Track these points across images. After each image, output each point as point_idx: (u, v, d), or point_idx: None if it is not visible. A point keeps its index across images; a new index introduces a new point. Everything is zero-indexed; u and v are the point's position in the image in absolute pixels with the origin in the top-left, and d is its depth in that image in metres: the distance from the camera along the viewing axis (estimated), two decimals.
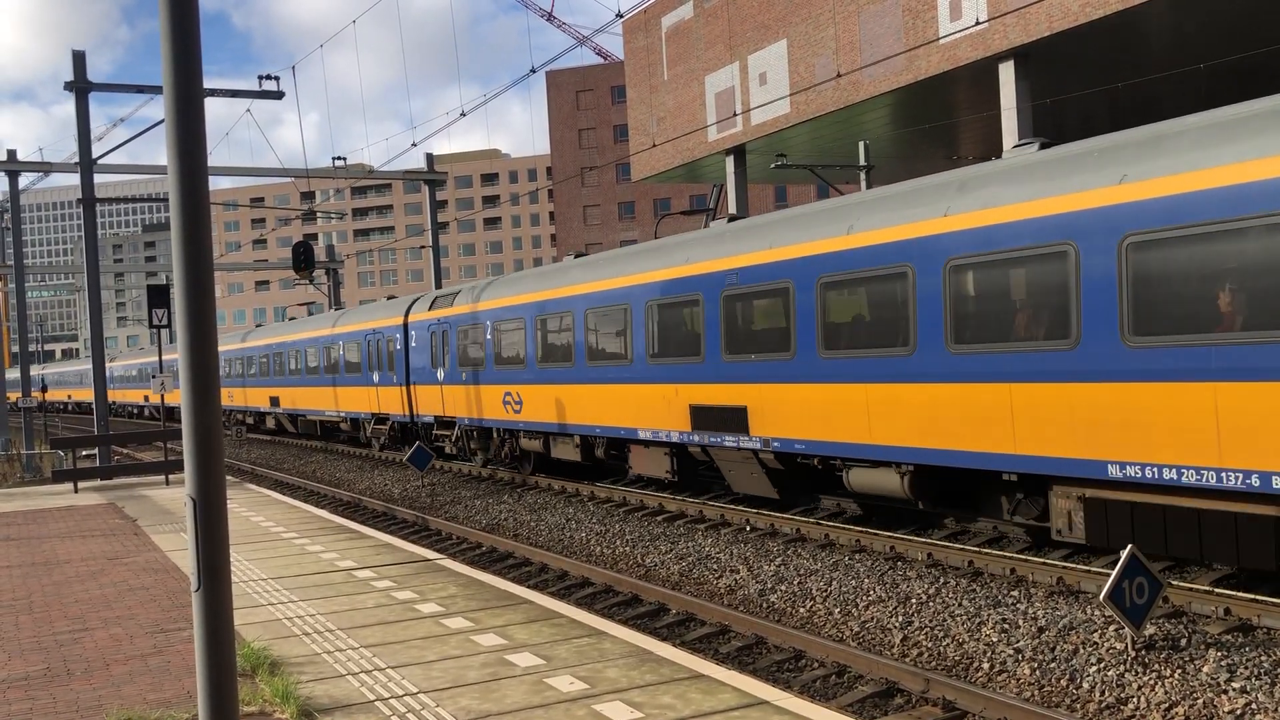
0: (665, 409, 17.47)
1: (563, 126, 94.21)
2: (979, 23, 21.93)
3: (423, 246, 42.72)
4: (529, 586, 14.01)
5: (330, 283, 50.78)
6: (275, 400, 41.79)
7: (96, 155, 27.13)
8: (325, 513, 17.35)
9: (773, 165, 29.87)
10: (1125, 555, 8.84)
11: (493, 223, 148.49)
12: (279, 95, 26.87)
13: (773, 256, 15.06)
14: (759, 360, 15.27)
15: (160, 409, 64.07)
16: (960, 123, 31.33)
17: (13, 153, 34.15)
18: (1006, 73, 24.54)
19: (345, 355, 33.40)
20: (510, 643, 8.48)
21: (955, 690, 8.60)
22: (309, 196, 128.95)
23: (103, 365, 27.42)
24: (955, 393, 12.15)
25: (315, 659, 8.27)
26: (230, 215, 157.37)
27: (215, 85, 27.55)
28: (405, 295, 32.40)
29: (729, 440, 16.02)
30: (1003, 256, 11.51)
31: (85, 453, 33.03)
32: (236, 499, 19.60)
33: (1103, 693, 8.58)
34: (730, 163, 34.68)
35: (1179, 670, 8.64)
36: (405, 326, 28.74)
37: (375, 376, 30.94)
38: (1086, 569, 11.40)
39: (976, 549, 12.78)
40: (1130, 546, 8.90)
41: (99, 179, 32.24)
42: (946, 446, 12.34)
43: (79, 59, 26.01)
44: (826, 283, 14.01)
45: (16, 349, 46.21)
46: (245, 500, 19.47)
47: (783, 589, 12.57)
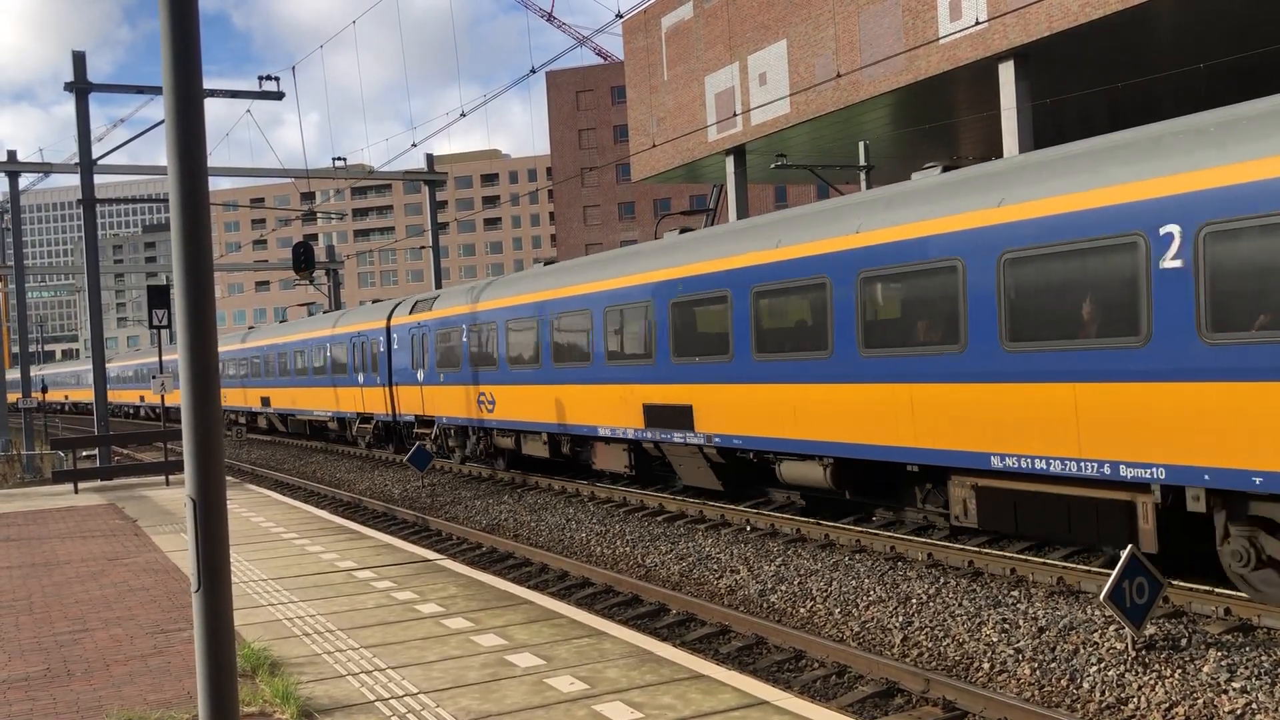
0: (622, 408, 18.49)
1: (563, 127, 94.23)
2: (979, 23, 21.94)
3: (423, 247, 42.73)
4: (529, 587, 14.01)
5: (330, 283, 50.79)
6: (266, 400, 42.75)
7: (97, 156, 27.14)
8: (325, 513, 17.35)
9: (773, 165, 29.90)
10: (1125, 556, 8.85)
11: (493, 223, 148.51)
12: (279, 96, 26.88)
13: (713, 267, 16.15)
14: (702, 363, 16.36)
15: (156, 409, 65.20)
16: (960, 123, 31.34)
17: (13, 153, 34.17)
18: (1006, 73, 24.55)
19: (332, 357, 34.40)
20: (510, 643, 8.48)
21: (955, 690, 8.60)
22: (309, 197, 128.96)
23: (103, 366, 27.41)
24: (866, 392, 13.34)
25: (315, 659, 8.27)
26: (230, 216, 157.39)
27: (215, 86, 27.59)
28: (392, 298, 33.22)
29: (677, 436, 17.10)
30: (903, 270, 12.69)
31: (85, 453, 33.04)
32: (237, 499, 19.60)
33: (1103, 693, 8.58)
34: (730, 163, 34.69)
35: (1179, 670, 8.64)
36: (388, 330, 29.72)
37: (360, 378, 31.94)
38: (1087, 569, 11.40)
39: (976, 549, 12.79)
40: (1130, 547, 8.91)
41: (99, 179, 32.26)
42: (860, 441, 13.52)
43: (79, 59, 26.02)
44: (758, 291, 15.16)
45: (17, 349, 46.24)
46: (245, 501, 19.47)
47: (783, 589, 12.58)
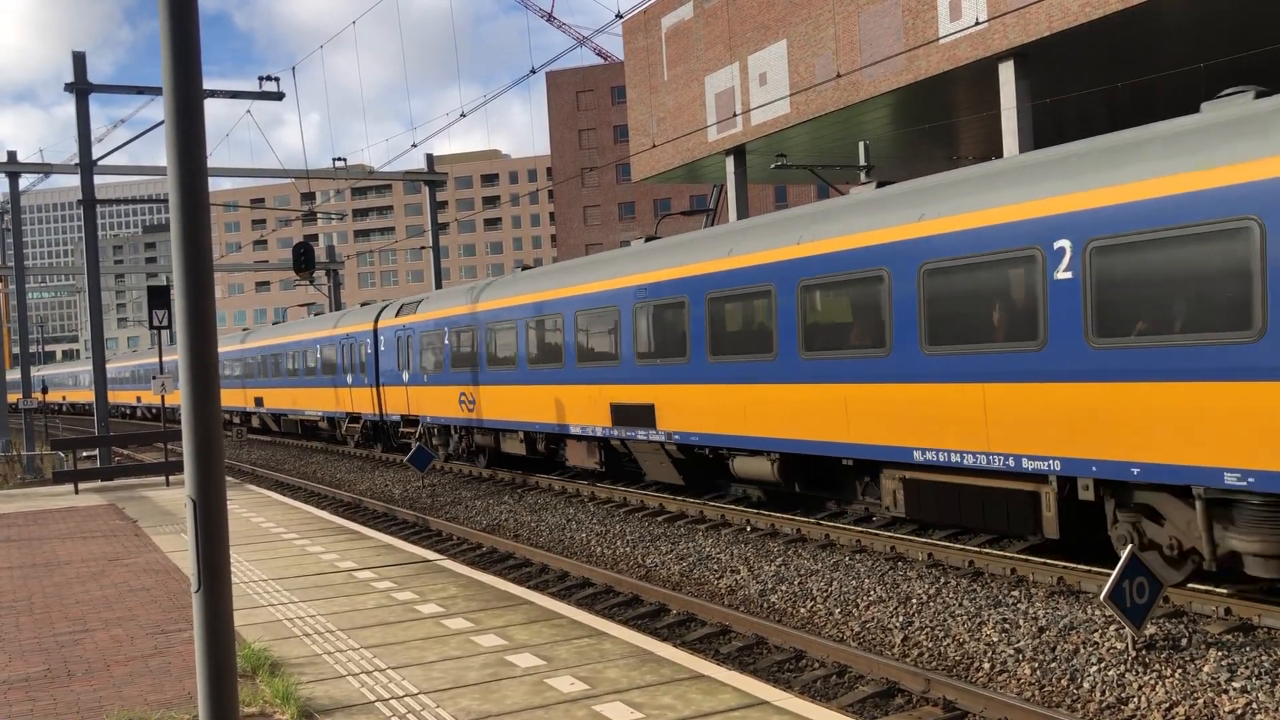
0: (591, 407, 19.49)
1: (563, 127, 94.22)
2: (979, 23, 21.94)
3: (423, 247, 42.75)
4: (529, 587, 14.02)
5: (331, 284, 50.78)
6: (259, 401, 43.68)
7: (97, 156, 27.14)
8: (326, 514, 17.36)
9: (773, 165, 29.87)
10: (1125, 555, 8.85)
11: (493, 223, 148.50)
12: (279, 96, 26.88)
13: (673, 274, 17.12)
14: (663, 364, 17.32)
15: (153, 409, 65.51)
16: (960, 123, 31.34)
17: (13, 154, 34.17)
18: (1006, 73, 24.55)
19: (323, 358, 35.39)
20: (511, 643, 8.48)
21: (956, 690, 8.60)
22: (309, 197, 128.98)
23: (103, 366, 27.41)
24: (807, 392, 14.32)
25: (316, 660, 8.27)
26: (230, 216, 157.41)
27: (216, 86, 27.61)
28: (388, 299, 34.10)
29: (641, 434, 18.10)
30: (838, 279, 13.67)
31: (86, 454, 33.05)
32: (237, 500, 19.60)
33: (1103, 692, 8.58)
34: (730, 163, 34.68)
35: (1179, 670, 8.64)
36: (375, 332, 30.65)
37: (349, 378, 32.88)
38: (1088, 569, 11.41)
39: (977, 549, 12.79)
40: (1130, 547, 8.91)
41: (100, 180, 32.28)
42: (803, 437, 14.48)
43: (79, 60, 26.02)
44: (712, 297, 16.11)
45: (17, 350, 46.23)
46: (246, 501, 19.47)
47: (783, 589, 12.58)
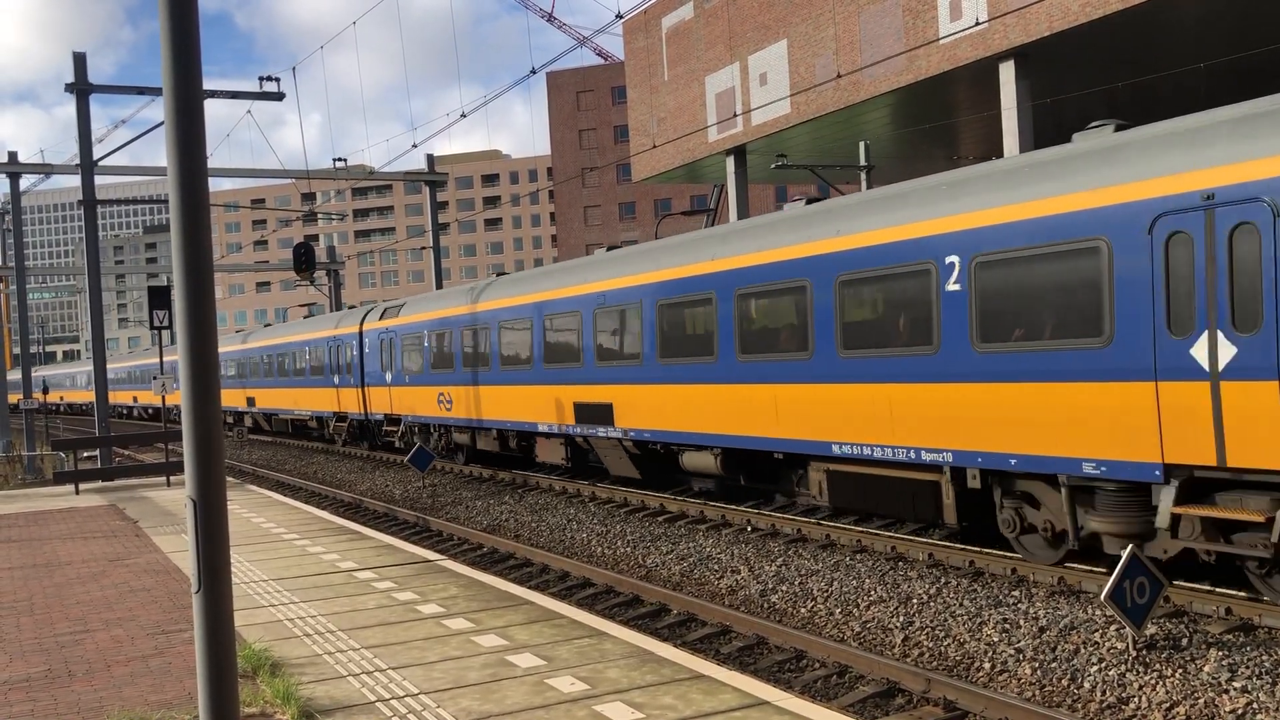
0: (557, 407, 20.70)
1: (563, 127, 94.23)
2: (979, 23, 21.94)
3: (423, 247, 42.75)
4: (530, 587, 14.02)
5: (331, 284, 50.78)
6: (252, 401, 44.89)
7: (98, 157, 27.14)
8: (327, 514, 17.36)
9: (773, 166, 29.89)
10: (1126, 555, 8.84)
11: (494, 223, 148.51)
12: (279, 97, 26.87)
13: (628, 282, 18.28)
14: (620, 366, 18.47)
15: (149, 409, 66.15)
16: (960, 123, 31.33)
17: (14, 154, 34.16)
18: (1007, 73, 24.55)
19: (311, 360, 36.62)
20: (511, 643, 8.48)
21: (956, 690, 8.60)
22: (310, 198, 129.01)
23: (104, 367, 27.41)
24: (743, 392, 15.48)
25: (316, 660, 8.27)
26: (231, 216, 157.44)
27: (217, 86, 27.62)
28: (369, 303, 35.46)
29: (601, 431, 19.24)
30: (769, 288, 14.90)
31: (86, 454, 33.05)
32: (238, 500, 19.61)
33: (1104, 692, 8.58)
34: (731, 163, 34.68)
35: (1180, 670, 8.64)
36: (360, 334, 31.88)
37: (336, 379, 34.14)
38: (1088, 569, 11.41)
39: (978, 549, 12.80)
40: (1131, 547, 8.91)
41: (101, 180, 32.30)
42: (741, 433, 15.63)
43: (79, 60, 26.02)
44: (661, 304, 17.31)
45: (18, 350, 46.25)
46: (246, 501, 19.48)
47: (784, 589, 12.58)
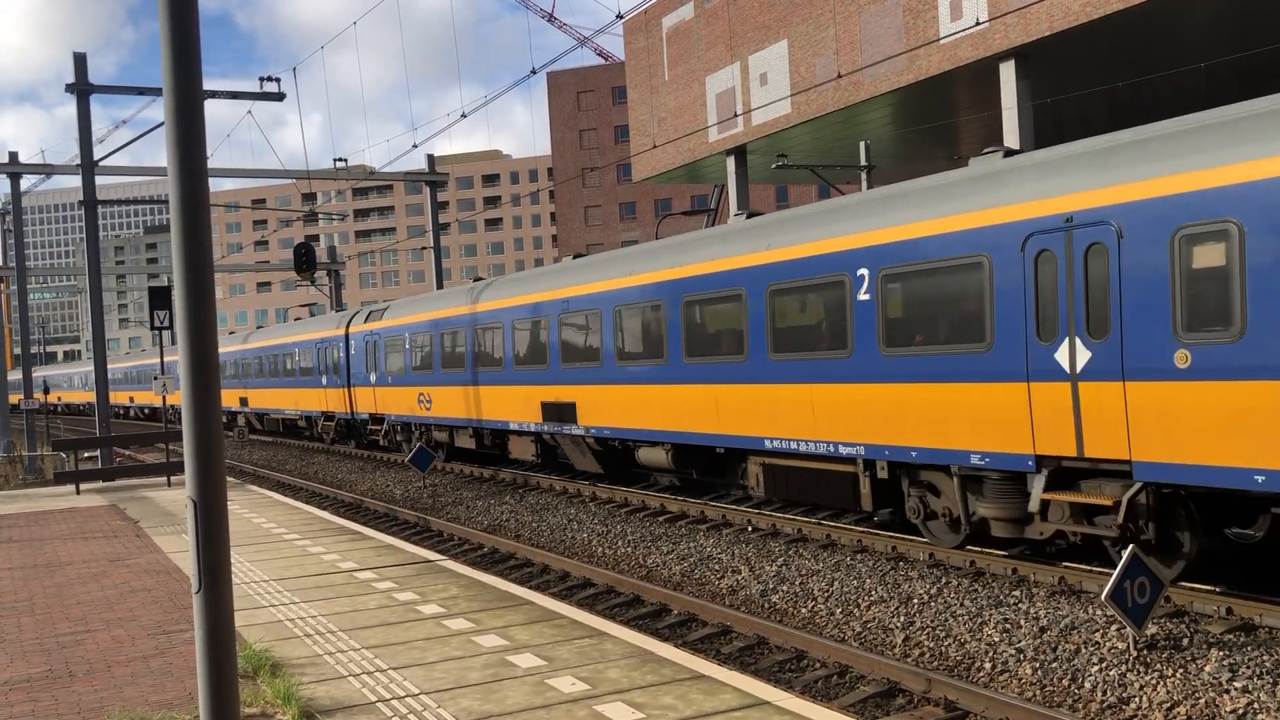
0: (527, 406, 21.98)
1: (564, 127, 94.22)
2: (979, 23, 21.94)
3: (424, 248, 42.76)
4: (531, 587, 14.02)
5: (332, 284, 50.77)
6: (244, 401, 46.21)
7: (98, 157, 27.14)
8: (327, 514, 17.36)
9: (774, 166, 29.87)
10: (1127, 555, 8.85)
11: (494, 223, 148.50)
12: (280, 97, 26.86)
13: (589, 289, 19.58)
14: (582, 367, 19.73)
15: (146, 409, 66.97)
16: (961, 122, 31.32)
17: (14, 155, 34.15)
18: (1007, 72, 24.53)
19: (301, 361, 37.88)
20: (512, 644, 8.48)
21: (957, 690, 8.60)
22: (310, 198, 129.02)
23: (104, 367, 27.40)
24: (689, 392, 16.75)
25: (317, 660, 8.27)
26: (232, 217, 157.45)
27: (219, 86, 27.61)
28: (360, 305, 37.05)
29: (566, 429, 20.46)
30: (710, 296, 16.18)
31: (87, 454, 33.05)
32: (238, 500, 19.61)
33: (1104, 692, 8.58)
34: (731, 163, 34.66)
35: (1181, 670, 8.64)
36: (346, 336, 33.10)
37: (324, 380, 35.41)
38: (1088, 569, 11.40)
39: (979, 550, 12.79)
40: (1132, 547, 8.91)
41: (102, 180, 32.30)
42: (688, 430, 16.88)
43: (80, 61, 26.02)
44: (617, 309, 18.60)
45: (19, 351, 46.27)
46: (247, 502, 19.48)
47: (784, 589, 12.57)
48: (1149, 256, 10.01)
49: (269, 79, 26.82)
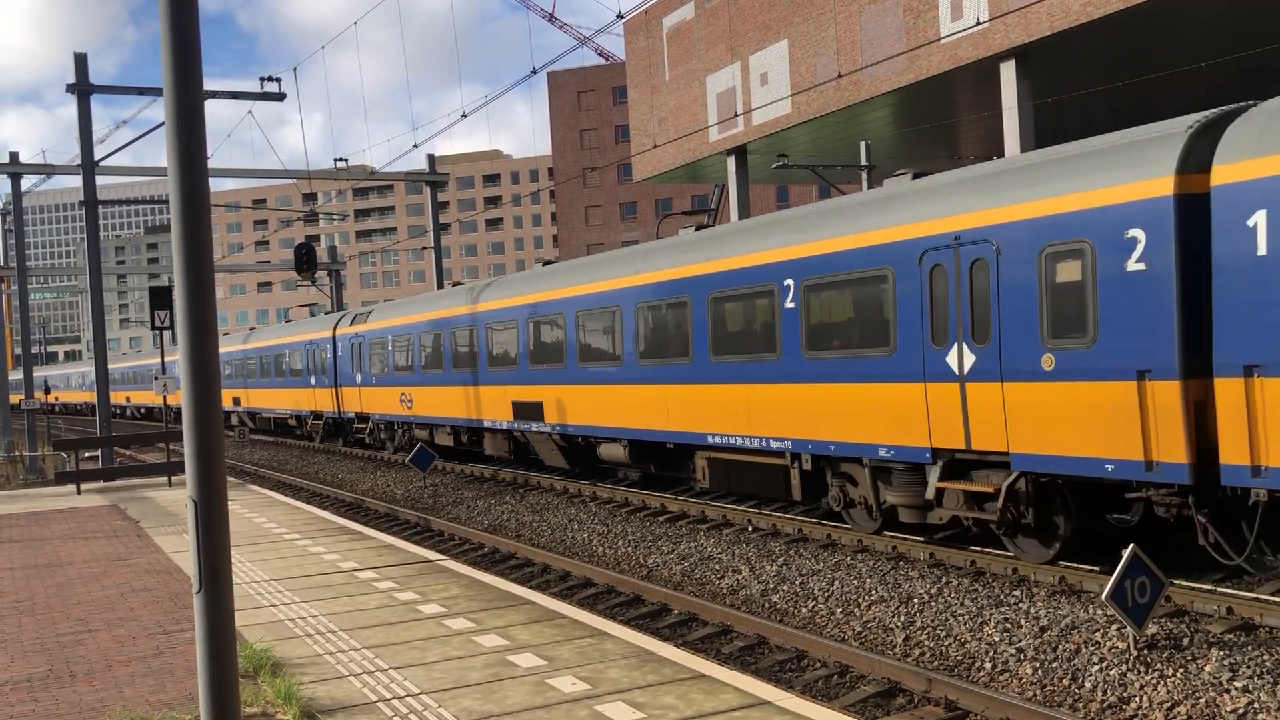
0: (500, 405, 23.24)
1: (564, 127, 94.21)
2: (980, 22, 21.94)
3: (424, 248, 42.78)
4: (531, 587, 14.02)
5: (332, 284, 50.77)
6: (237, 400, 47.53)
7: (99, 157, 27.14)
8: (328, 514, 17.37)
9: (774, 165, 29.87)
10: (1127, 555, 8.85)
11: (495, 223, 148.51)
12: (280, 97, 26.86)
13: (554, 295, 20.79)
14: (548, 369, 20.91)
15: (142, 409, 67.71)
16: (961, 122, 31.32)
17: (15, 155, 34.16)
18: (1008, 72, 24.53)
19: (291, 363, 39.14)
20: (512, 643, 8.49)
21: (957, 690, 8.60)
22: (311, 198, 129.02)
23: (105, 367, 27.39)
24: (642, 392, 17.93)
25: (317, 660, 8.28)
26: (232, 217, 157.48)
27: (220, 86, 27.62)
28: (342, 310, 38.65)
29: (535, 426, 21.71)
30: (659, 302, 17.38)
31: (88, 454, 33.06)
32: (239, 500, 19.62)
33: (1105, 692, 8.58)
34: (732, 163, 34.66)
35: (1181, 669, 8.64)
36: (334, 338, 34.31)
37: (313, 380, 36.73)
38: (1089, 569, 11.41)
39: (979, 549, 12.80)
40: (1132, 546, 8.91)
41: (103, 180, 32.29)
42: (642, 427, 18.01)
43: (80, 61, 26.02)
44: (579, 314, 19.77)
45: (19, 351, 46.30)
46: (248, 502, 19.48)
47: (785, 589, 12.58)
48: (1021, 271, 11.22)
49: (270, 79, 26.82)
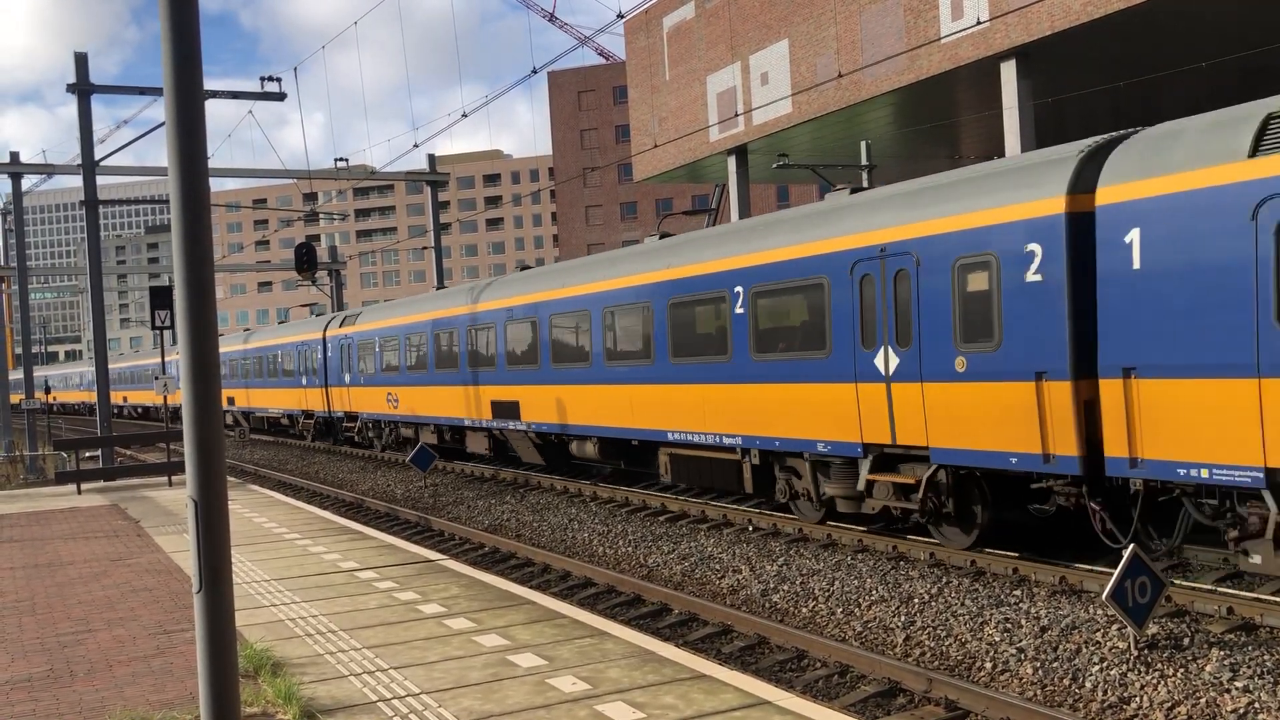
0: (479, 404, 24.22)
1: (564, 127, 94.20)
2: (980, 22, 21.94)
3: (425, 247, 42.80)
4: (531, 587, 14.02)
5: (333, 284, 50.75)
6: (231, 400, 48.71)
7: (100, 157, 27.14)
8: (328, 514, 17.37)
9: (774, 165, 29.85)
10: (1128, 555, 8.84)
11: (495, 223, 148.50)
12: (281, 97, 26.86)
13: (528, 299, 21.95)
14: (523, 370, 22.02)
15: (138, 408, 68.32)
16: (962, 122, 31.32)
17: (15, 155, 34.17)
18: (1008, 72, 24.52)
19: (284, 363, 40.15)
20: (512, 643, 8.49)
21: (958, 690, 8.60)
22: (311, 197, 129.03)
23: (105, 367, 27.39)
24: (609, 391, 18.90)
25: (318, 660, 8.28)
26: (233, 216, 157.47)
27: (222, 85, 27.62)
28: (332, 313, 39.14)
29: (512, 425, 22.70)
30: (625, 306, 18.43)
31: (88, 454, 33.06)
32: (239, 500, 19.62)
33: (1105, 692, 8.58)
34: (732, 163, 34.66)
35: (1181, 669, 8.64)
36: (324, 340, 35.38)
37: (304, 380, 37.72)
38: (1089, 569, 11.41)
39: (980, 550, 12.79)
40: (1133, 546, 8.90)
41: (103, 180, 32.29)
42: (610, 425, 18.99)
43: (81, 61, 26.02)
44: (551, 317, 20.88)
45: (19, 351, 46.31)
46: (248, 501, 19.49)
47: (785, 589, 12.57)
48: (937, 281, 12.19)
49: (270, 79, 26.82)
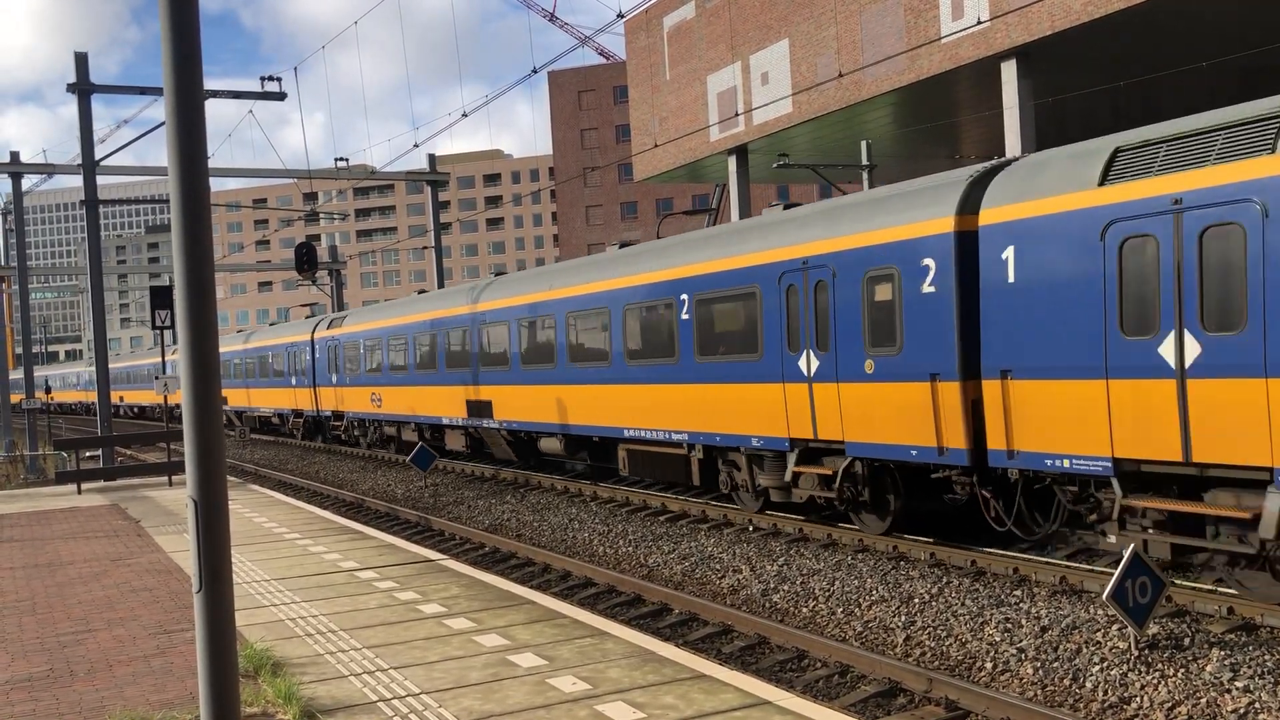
0: (456, 404, 25.59)
1: (565, 127, 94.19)
2: (980, 22, 21.94)
3: (425, 247, 42.84)
4: (531, 587, 14.01)
5: (333, 284, 50.75)
6: (224, 400, 50.07)
7: (100, 157, 27.14)
8: (328, 514, 17.36)
9: (775, 165, 29.87)
10: (1128, 555, 8.84)
11: (495, 223, 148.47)
12: (281, 97, 26.85)
13: (497, 304, 23.28)
14: (496, 371, 23.36)
15: (134, 408, 68.84)
16: (962, 122, 31.31)
17: (15, 154, 34.16)
18: (1008, 72, 24.53)
19: (274, 364, 41.42)
20: (512, 643, 8.48)
21: (958, 690, 8.60)
22: (312, 197, 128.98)
23: (105, 366, 27.37)
24: (573, 391, 20.14)
25: (318, 660, 8.28)
26: (233, 216, 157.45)
27: (223, 85, 27.62)
28: (323, 315, 40.25)
29: (486, 423, 24.04)
30: (585, 312, 19.62)
31: (88, 454, 33.07)
32: (239, 500, 19.61)
33: (1106, 692, 8.57)
34: (732, 162, 34.66)
35: (1182, 670, 8.63)
36: (312, 341, 36.62)
37: (294, 380, 39.00)
38: (1090, 568, 11.40)
39: (980, 549, 12.79)
40: (1133, 546, 8.90)
41: (104, 180, 32.33)
42: (573, 423, 20.22)
43: (81, 60, 26.01)
44: (520, 320, 22.26)
45: (20, 350, 46.32)
46: (248, 501, 19.48)
47: (785, 589, 12.57)
48: (851, 291, 13.37)
49: (270, 78, 26.81)
